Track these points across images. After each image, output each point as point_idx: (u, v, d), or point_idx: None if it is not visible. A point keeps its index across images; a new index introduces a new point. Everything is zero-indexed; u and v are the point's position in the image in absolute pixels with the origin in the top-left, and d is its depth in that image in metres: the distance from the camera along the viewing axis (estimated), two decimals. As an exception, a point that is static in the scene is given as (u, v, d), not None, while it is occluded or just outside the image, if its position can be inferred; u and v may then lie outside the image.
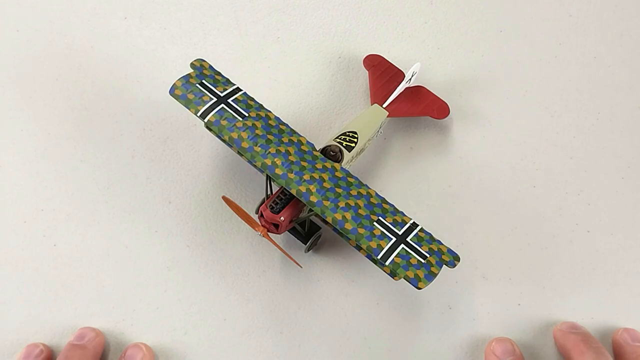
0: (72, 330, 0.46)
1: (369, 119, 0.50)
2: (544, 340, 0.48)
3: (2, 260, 0.48)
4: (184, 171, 0.52)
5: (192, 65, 0.46)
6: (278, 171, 0.43)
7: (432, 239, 0.42)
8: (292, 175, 0.43)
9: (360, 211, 0.42)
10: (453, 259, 0.42)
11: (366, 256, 0.46)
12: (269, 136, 0.44)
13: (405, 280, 0.41)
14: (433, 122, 0.54)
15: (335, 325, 0.48)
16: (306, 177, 0.43)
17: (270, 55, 0.57)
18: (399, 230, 0.42)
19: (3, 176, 0.51)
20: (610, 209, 0.52)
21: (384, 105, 0.51)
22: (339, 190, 0.43)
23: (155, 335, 0.47)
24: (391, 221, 0.42)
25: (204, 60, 0.47)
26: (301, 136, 0.45)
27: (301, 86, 0.56)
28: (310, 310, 0.48)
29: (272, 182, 0.46)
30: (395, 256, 0.41)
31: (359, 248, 0.46)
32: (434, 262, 0.41)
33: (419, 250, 0.41)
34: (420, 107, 0.53)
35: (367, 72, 0.55)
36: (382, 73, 0.54)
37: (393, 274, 0.45)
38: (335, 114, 0.55)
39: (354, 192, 0.43)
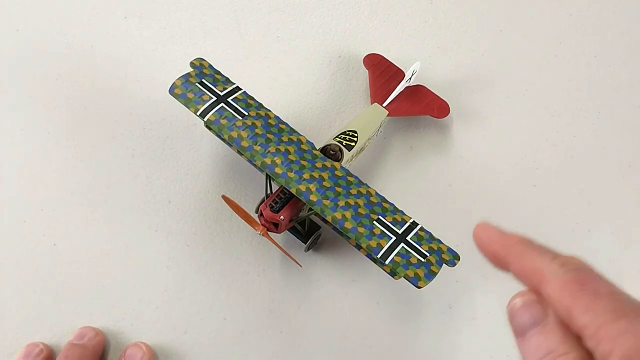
0: (72, 330, 0.46)
1: (369, 118, 0.50)
2: (545, 339, 0.48)
3: (2, 260, 0.48)
4: (184, 171, 0.52)
5: (192, 64, 0.46)
6: (278, 170, 0.43)
7: (432, 238, 0.42)
8: (292, 175, 0.42)
9: (360, 210, 0.42)
10: (453, 258, 0.42)
11: (366, 255, 0.46)
12: (268, 135, 0.44)
13: (405, 280, 0.41)
14: (433, 122, 0.54)
15: (335, 325, 0.47)
16: (306, 176, 0.43)
17: (270, 55, 0.57)
18: (399, 230, 0.42)
19: (3, 176, 0.51)
20: (611, 209, 0.52)
21: (384, 105, 0.51)
22: (339, 190, 0.43)
23: (155, 335, 0.47)
24: (391, 220, 0.42)
25: (204, 60, 0.47)
26: (301, 135, 0.45)
27: (301, 86, 0.56)
28: (310, 310, 0.48)
29: (272, 182, 0.46)
30: (396, 255, 0.41)
31: (359, 247, 0.46)
32: (434, 261, 0.41)
33: (419, 250, 0.41)
34: (420, 107, 0.53)
35: (367, 71, 0.55)
36: (382, 72, 0.54)
37: (393, 273, 0.45)
38: (335, 114, 0.55)
39: (354, 192, 0.43)
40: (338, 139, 0.47)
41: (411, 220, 0.43)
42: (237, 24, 0.58)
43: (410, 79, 0.52)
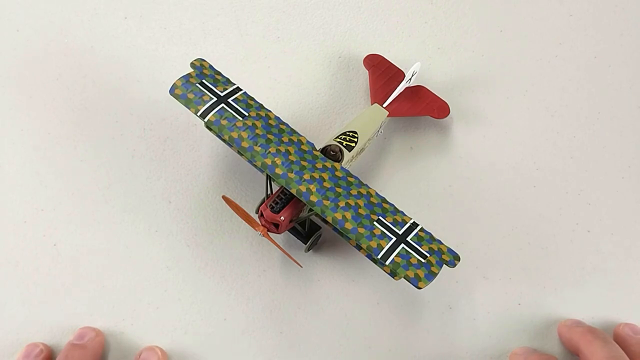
0: (72, 330, 0.46)
1: (369, 118, 0.50)
2: (544, 340, 0.48)
3: (2, 260, 0.48)
4: (184, 171, 0.52)
5: (192, 64, 0.46)
6: (278, 171, 0.43)
7: (432, 238, 0.42)
8: (292, 175, 0.42)
9: (360, 211, 0.42)
10: (453, 259, 0.42)
11: (366, 256, 0.46)
12: (269, 136, 0.44)
13: (405, 280, 0.41)
14: (433, 122, 0.54)
15: (335, 325, 0.48)
16: (306, 176, 0.43)
17: (270, 55, 0.57)
18: (399, 230, 0.42)
19: (3, 176, 0.51)
20: (611, 209, 0.52)
21: (384, 105, 0.51)
22: (339, 190, 0.43)
23: (155, 335, 0.47)
24: (391, 221, 0.42)
25: (204, 60, 0.47)
26: (301, 136, 0.45)
27: (301, 86, 0.56)
28: (310, 310, 0.48)
29: (272, 182, 0.46)
30: (396, 256, 0.41)
31: (359, 248, 0.46)
32: (434, 261, 0.41)
33: (419, 250, 0.41)
34: (420, 107, 0.53)
35: (367, 71, 0.55)
36: (382, 73, 0.54)
37: (393, 274, 0.45)
38: (335, 114, 0.55)
39: (354, 192, 0.43)
40: (338, 139, 0.47)
41: (411, 221, 0.43)
42: (237, 24, 0.58)
43: (410, 79, 0.52)
